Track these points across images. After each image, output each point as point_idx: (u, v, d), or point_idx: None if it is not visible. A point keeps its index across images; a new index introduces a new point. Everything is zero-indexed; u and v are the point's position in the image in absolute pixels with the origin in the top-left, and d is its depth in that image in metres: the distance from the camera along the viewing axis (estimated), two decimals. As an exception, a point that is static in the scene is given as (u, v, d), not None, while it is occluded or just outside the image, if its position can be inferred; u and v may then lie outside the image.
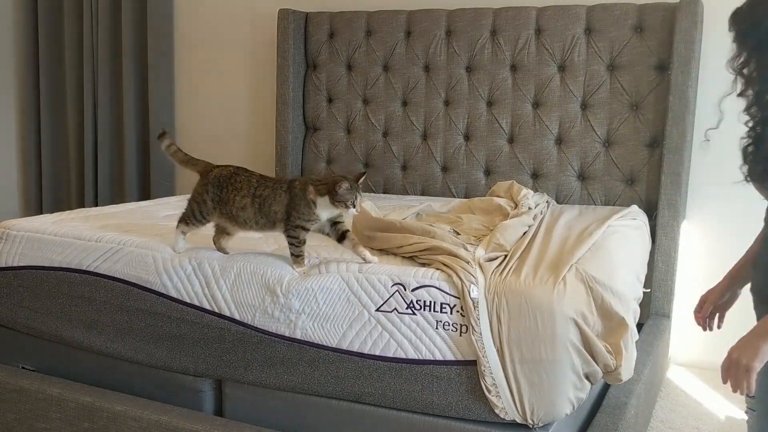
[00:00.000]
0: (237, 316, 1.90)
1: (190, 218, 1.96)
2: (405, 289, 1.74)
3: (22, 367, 2.22)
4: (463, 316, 1.69)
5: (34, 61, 4.19)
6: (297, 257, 1.88)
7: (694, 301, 1.71)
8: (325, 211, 1.83)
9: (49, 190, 4.27)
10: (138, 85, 3.93)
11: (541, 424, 1.67)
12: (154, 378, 2.04)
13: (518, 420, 1.67)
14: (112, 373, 2.10)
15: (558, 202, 2.98)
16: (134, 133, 3.94)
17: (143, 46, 3.89)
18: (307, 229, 1.85)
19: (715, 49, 2.90)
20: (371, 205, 2.27)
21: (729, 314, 1.65)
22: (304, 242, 1.87)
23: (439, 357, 1.72)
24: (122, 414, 1.94)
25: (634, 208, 2.74)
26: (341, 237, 1.88)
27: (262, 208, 1.86)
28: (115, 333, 2.06)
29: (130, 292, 2.02)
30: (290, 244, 1.87)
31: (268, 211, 1.86)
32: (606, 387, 2.16)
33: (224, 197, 1.89)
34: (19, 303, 2.18)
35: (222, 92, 3.84)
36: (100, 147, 4.02)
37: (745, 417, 1.59)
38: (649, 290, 2.85)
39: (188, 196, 1.98)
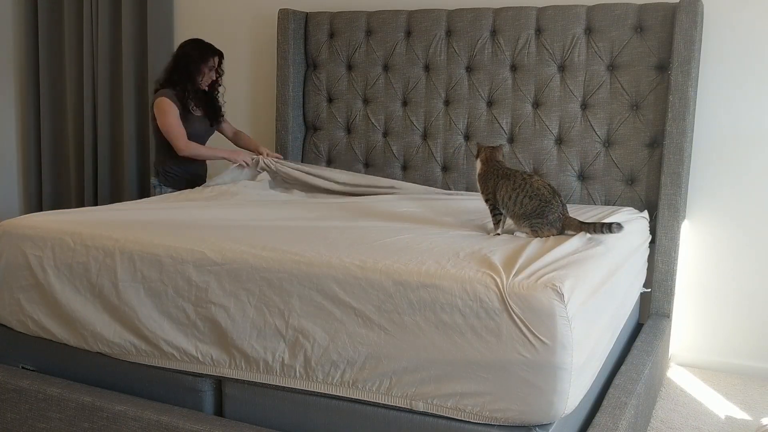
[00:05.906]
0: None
1: None
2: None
3: (22, 367, 2.22)
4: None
5: (34, 61, 4.19)
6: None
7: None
8: None
9: (49, 190, 4.27)
10: (138, 85, 3.93)
11: (539, 425, 1.67)
12: (154, 378, 2.04)
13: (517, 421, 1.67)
14: (112, 373, 2.09)
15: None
16: (134, 133, 3.94)
17: (143, 46, 3.89)
18: None
19: (715, 49, 2.90)
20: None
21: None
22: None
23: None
24: (122, 414, 1.94)
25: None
26: None
27: None
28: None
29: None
30: None
31: None
32: (606, 387, 2.16)
33: None
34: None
35: (222, 92, 3.84)
36: (99, 147, 4.02)
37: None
38: (649, 290, 2.86)
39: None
